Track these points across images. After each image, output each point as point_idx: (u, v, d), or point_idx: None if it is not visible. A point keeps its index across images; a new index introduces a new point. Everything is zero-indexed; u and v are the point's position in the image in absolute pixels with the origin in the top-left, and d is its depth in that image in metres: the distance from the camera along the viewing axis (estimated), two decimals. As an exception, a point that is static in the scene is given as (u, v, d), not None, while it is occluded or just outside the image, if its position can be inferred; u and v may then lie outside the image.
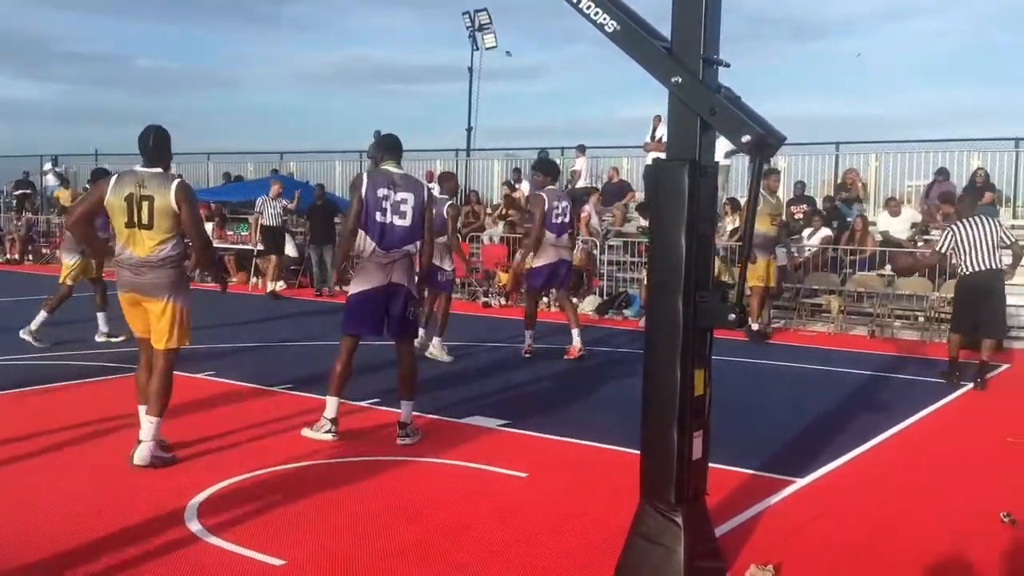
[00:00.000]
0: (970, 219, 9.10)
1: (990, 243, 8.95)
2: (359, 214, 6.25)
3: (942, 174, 15.42)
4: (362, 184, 6.28)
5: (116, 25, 75.13)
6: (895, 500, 5.49)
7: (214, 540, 4.53)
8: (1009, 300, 12.89)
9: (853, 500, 5.48)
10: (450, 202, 9.83)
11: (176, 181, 5.72)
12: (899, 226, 14.56)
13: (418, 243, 6.44)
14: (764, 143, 3.90)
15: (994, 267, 9.00)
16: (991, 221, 9.15)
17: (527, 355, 9.91)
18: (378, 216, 6.26)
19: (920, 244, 14.17)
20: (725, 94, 4.00)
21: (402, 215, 6.34)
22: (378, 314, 6.39)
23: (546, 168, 10.49)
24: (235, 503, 5.09)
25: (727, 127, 3.91)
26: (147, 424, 5.70)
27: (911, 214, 14.86)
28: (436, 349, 9.77)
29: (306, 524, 4.78)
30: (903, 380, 9.49)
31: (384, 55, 75.23)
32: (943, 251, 9.40)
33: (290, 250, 17.56)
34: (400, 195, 6.35)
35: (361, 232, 6.28)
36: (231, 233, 19.57)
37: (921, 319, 13.10)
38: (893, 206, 14.86)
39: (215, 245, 19.28)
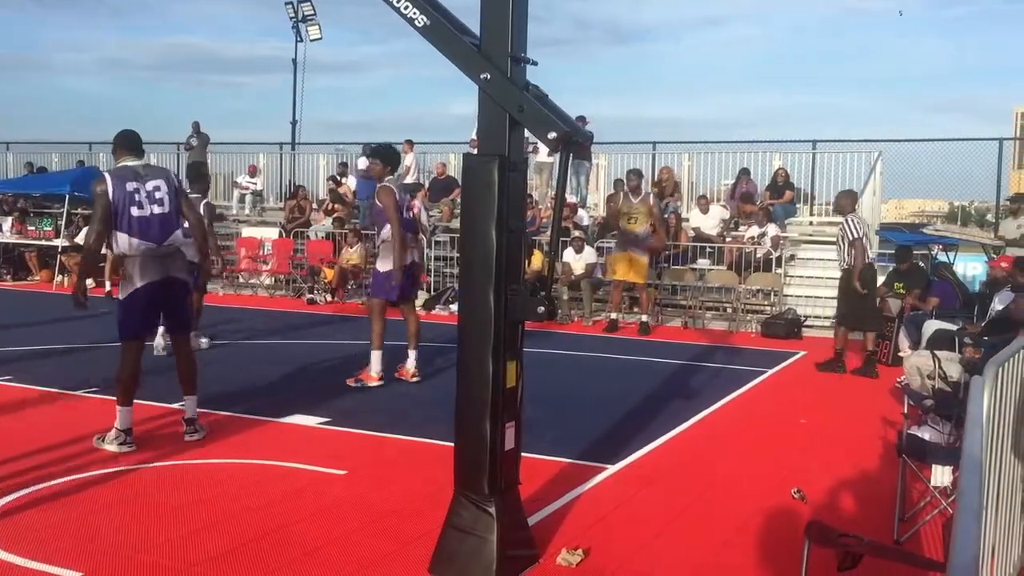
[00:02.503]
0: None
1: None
2: (106, 218, 5.91)
3: (745, 174, 16.41)
4: (107, 184, 5.94)
5: None
6: (699, 482, 5.79)
7: (3, 555, 4.23)
8: (801, 291, 13.97)
9: (662, 484, 5.73)
10: (205, 201, 9.34)
11: None
12: (709, 222, 15.36)
13: (179, 233, 6.17)
14: (570, 140, 4.02)
15: None
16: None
17: (379, 382, 8.24)
18: (135, 211, 5.97)
19: (728, 239, 15.00)
20: (533, 92, 4.10)
21: (159, 203, 6.08)
22: (156, 311, 6.23)
23: (387, 156, 8.51)
24: (29, 515, 4.77)
25: (534, 124, 4.01)
26: None
27: (719, 211, 15.70)
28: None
29: (106, 534, 4.54)
30: (712, 368, 10.01)
31: (205, 44, 72.48)
32: (864, 237, 9.77)
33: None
34: (150, 184, 6.08)
35: (122, 233, 5.96)
36: (33, 229, 18.29)
37: (729, 310, 13.87)
38: (703, 204, 15.66)
39: (15, 241, 18.05)
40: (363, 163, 16.81)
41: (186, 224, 6.34)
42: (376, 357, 8.19)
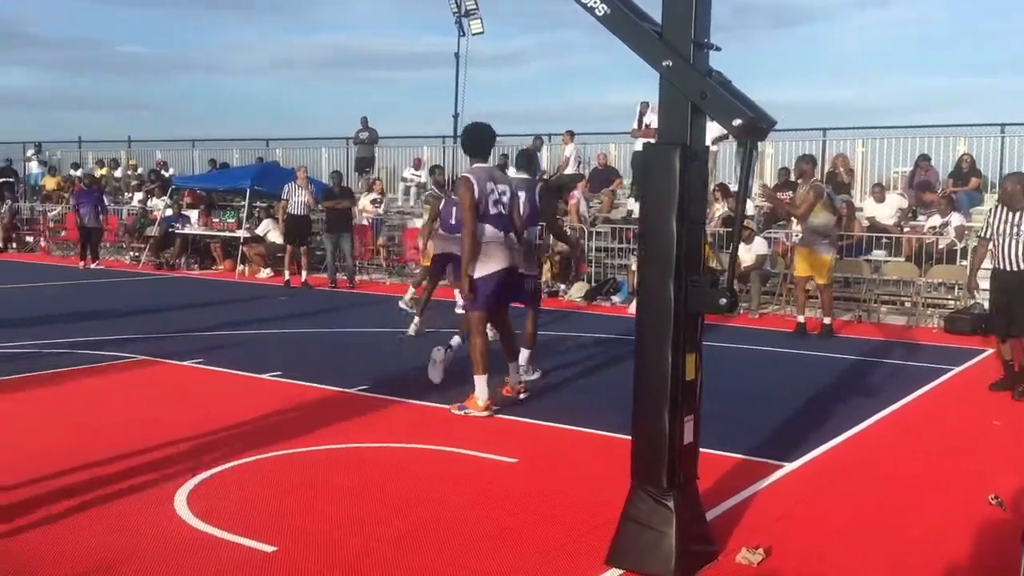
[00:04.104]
0: None
1: None
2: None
3: (924, 160, 15.49)
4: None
5: (93, 9, 74.47)
6: (882, 483, 5.51)
7: (204, 527, 4.51)
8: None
9: (842, 483, 5.50)
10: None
11: None
12: (885, 212, 14.62)
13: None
14: (755, 127, 3.90)
15: None
16: None
17: (486, 412, 6.82)
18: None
19: (906, 230, 14.22)
20: (716, 78, 4.00)
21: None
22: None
23: (467, 140, 7.08)
24: (225, 490, 5.08)
25: (718, 111, 3.91)
26: None
27: (896, 200, 14.91)
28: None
29: (295, 511, 4.76)
30: (890, 365, 9.53)
31: (366, 42, 74.48)
32: None
33: (275, 237, 17.42)
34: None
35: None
36: (217, 221, 19.50)
37: (907, 304, 13.16)
38: (878, 192, 14.91)
39: (201, 232, 19.26)
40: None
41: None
42: (481, 383, 6.82)
